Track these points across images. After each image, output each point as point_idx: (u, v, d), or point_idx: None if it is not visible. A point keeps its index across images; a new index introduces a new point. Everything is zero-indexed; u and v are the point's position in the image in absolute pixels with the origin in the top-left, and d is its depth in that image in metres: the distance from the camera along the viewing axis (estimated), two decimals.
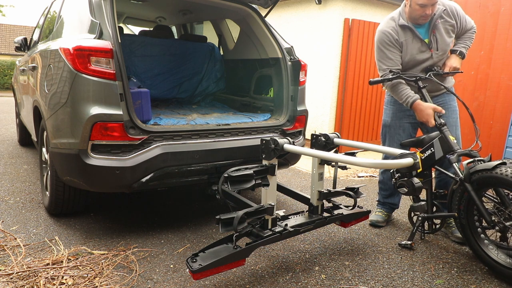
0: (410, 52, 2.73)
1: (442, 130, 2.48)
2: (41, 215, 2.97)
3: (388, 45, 2.73)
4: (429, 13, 2.58)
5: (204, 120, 3.06)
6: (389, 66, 2.74)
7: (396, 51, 2.74)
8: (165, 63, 4.28)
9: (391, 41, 2.73)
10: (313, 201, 2.49)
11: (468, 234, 2.38)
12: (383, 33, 2.75)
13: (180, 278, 2.16)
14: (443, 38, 2.71)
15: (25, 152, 5.03)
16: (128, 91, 2.37)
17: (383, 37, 2.74)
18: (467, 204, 2.35)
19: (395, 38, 2.72)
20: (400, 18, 2.73)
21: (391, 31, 2.73)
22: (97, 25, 2.41)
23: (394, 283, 2.20)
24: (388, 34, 2.73)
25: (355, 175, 4.82)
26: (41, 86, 2.80)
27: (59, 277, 2.09)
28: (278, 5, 6.79)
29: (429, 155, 2.49)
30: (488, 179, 2.18)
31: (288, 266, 2.35)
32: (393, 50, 2.74)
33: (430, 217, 2.60)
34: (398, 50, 2.74)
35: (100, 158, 2.33)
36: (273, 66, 3.34)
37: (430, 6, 2.55)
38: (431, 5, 2.55)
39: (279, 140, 2.22)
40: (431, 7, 2.56)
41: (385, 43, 2.74)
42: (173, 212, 3.20)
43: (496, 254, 2.26)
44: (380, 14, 6.60)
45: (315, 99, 6.43)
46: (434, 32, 2.70)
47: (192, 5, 4.12)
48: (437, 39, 2.70)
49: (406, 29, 2.71)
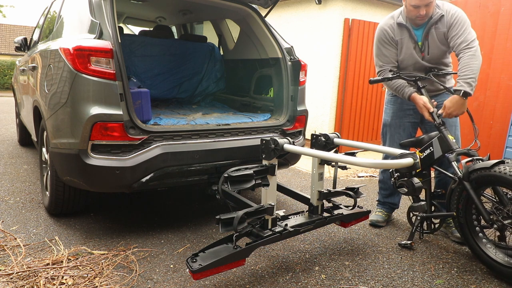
0: (405, 51, 2.75)
1: (441, 129, 2.48)
2: (41, 215, 2.97)
3: (385, 42, 2.77)
4: (423, 13, 2.56)
5: (204, 120, 3.06)
6: (384, 63, 2.79)
7: (391, 49, 2.77)
8: (165, 63, 4.28)
9: (387, 38, 2.76)
10: (313, 201, 2.49)
11: (466, 233, 2.39)
12: (380, 30, 2.80)
13: (180, 278, 2.16)
14: (435, 44, 2.69)
15: (25, 152, 5.04)
16: (128, 91, 2.37)
17: (380, 34, 2.79)
18: (466, 203, 2.35)
19: (391, 36, 2.75)
20: (399, 16, 2.74)
21: (388, 29, 2.76)
22: (97, 25, 2.41)
23: (394, 283, 2.20)
24: (384, 32, 2.77)
25: (355, 175, 4.82)
26: (41, 86, 2.80)
27: (59, 277, 2.09)
28: (278, 5, 6.79)
29: (428, 155, 2.49)
30: (486, 177, 2.18)
31: (288, 266, 2.35)
32: (389, 48, 2.77)
33: (428, 217, 2.60)
34: (394, 47, 2.77)
35: (100, 158, 2.33)
36: (273, 66, 3.35)
37: (424, 6, 2.54)
38: (424, 5, 2.54)
39: (279, 140, 2.22)
40: (424, 7, 2.54)
41: (381, 40, 2.78)
42: (173, 212, 3.20)
43: (494, 253, 2.27)
44: (380, 14, 6.60)
45: (315, 99, 6.43)
46: (427, 37, 2.69)
47: (192, 5, 4.12)
48: (428, 43, 2.69)
49: (403, 28, 2.72)
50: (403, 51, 2.76)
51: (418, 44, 2.73)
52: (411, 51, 2.74)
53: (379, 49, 2.81)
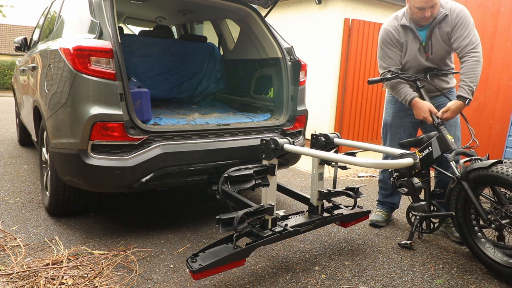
0: (409, 53, 2.73)
1: (440, 129, 2.49)
2: (41, 215, 2.97)
3: (389, 43, 2.74)
4: (428, 15, 2.54)
5: (204, 120, 3.06)
6: (389, 65, 2.76)
7: (396, 51, 2.74)
8: (165, 63, 4.28)
9: (392, 40, 2.73)
10: (313, 201, 2.49)
11: (465, 233, 2.39)
12: (385, 32, 2.76)
13: (180, 278, 2.16)
14: (439, 44, 2.67)
15: (25, 152, 5.03)
16: (128, 91, 2.37)
17: (385, 35, 2.75)
18: (464, 203, 2.36)
19: (396, 38, 2.72)
20: (403, 17, 2.71)
21: (393, 31, 2.73)
22: (97, 25, 2.41)
23: (394, 283, 2.20)
24: (389, 33, 2.73)
25: (355, 175, 4.82)
26: (41, 86, 2.80)
27: (59, 277, 2.09)
28: (278, 5, 6.78)
29: (427, 154, 2.49)
30: (484, 177, 2.19)
31: (288, 266, 2.35)
32: (394, 50, 2.74)
33: (427, 217, 2.60)
34: (399, 49, 2.74)
35: (100, 158, 2.33)
36: (273, 66, 3.35)
37: (429, 8, 2.52)
38: (429, 7, 2.51)
39: (279, 140, 2.22)
40: (429, 9, 2.52)
41: (386, 42, 2.75)
42: (173, 212, 3.20)
43: (493, 253, 2.27)
44: (380, 14, 6.60)
45: (315, 99, 6.43)
46: (431, 37, 2.67)
47: (192, 5, 4.12)
48: (432, 43, 2.67)
49: (407, 29, 2.70)
50: (407, 53, 2.74)
51: (423, 44, 2.70)
52: (415, 53, 2.71)
53: (384, 51, 2.77)
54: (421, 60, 2.73)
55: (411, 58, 2.73)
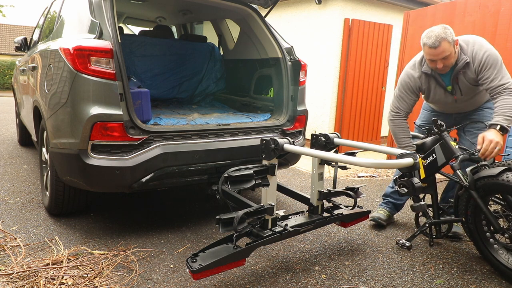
0: (433, 96, 2.71)
1: (443, 136, 2.44)
2: (41, 215, 2.97)
3: (409, 89, 2.69)
4: (441, 67, 2.44)
5: (204, 120, 3.06)
6: (402, 109, 2.72)
7: (414, 97, 2.70)
8: (165, 63, 4.28)
9: (412, 87, 2.67)
10: (313, 201, 2.49)
11: (476, 239, 2.34)
12: (408, 77, 2.69)
13: (180, 278, 2.16)
14: (467, 86, 2.57)
15: (25, 152, 5.04)
16: (128, 91, 2.37)
17: (407, 80, 2.68)
18: (474, 209, 2.30)
19: (417, 85, 2.67)
20: (424, 64, 2.62)
21: (417, 78, 2.65)
22: (97, 25, 2.41)
23: (394, 283, 2.20)
24: (412, 79, 2.66)
25: (355, 175, 4.82)
26: (41, 86, 2.80)
27: (59, 277, 2.09)
28: (278, 5, 6.79)
29: (431, 162, 2.46)
30: (493, 186, 2.14)
31: (288, 266, 2.35)
32: (412, 96, 2.70)
33: (437, 223, 2.57)
34: (416, 96, 2.71)
35: (100, 158, 2.33)
36: (273, 66, 3.34)
37: (440, 60, 2.42)
38: (440, 59, 2.41)
39: (279, 140, 2.22)
40: (441, 61, 2.42)
41: (406, 87, 2.69)
42: (173, 212, 3.20)
43: (506, 259, 2.21)
44: (380, 14, 6.61)
45: (315, 99, 6.43)
46: (457, 81, 2.58)
47: (192, 5, 4.12)
48: (459, 87, 2.59)
49: (429, 76, 2.63)
50: (430, 96, 2.71)
51: (448, 88, 2.63)
52: (440, 96, 2.68)
53: (402, 93, 2.70)
54: (447, 101, 2.70)
55: (436, 98, 2.72)
